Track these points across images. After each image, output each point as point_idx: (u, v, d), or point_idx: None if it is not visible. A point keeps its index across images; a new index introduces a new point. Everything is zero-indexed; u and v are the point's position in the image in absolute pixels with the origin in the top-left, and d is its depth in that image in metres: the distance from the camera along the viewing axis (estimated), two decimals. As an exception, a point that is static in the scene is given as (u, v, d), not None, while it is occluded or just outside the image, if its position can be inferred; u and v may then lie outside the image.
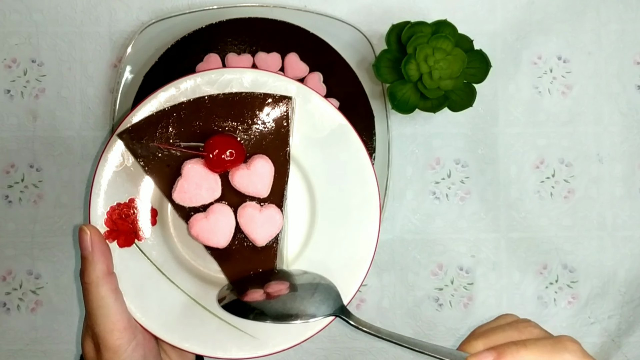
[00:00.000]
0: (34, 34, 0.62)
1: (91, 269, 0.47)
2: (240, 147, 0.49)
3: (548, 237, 0.63)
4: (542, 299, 0.63)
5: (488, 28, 0.63)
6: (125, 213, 0.51)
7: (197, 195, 0.49)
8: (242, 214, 0.49)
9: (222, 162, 0.48)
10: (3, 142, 0.62)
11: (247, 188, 0.49)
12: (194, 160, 0.49)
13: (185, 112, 0.50)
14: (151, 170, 0.50)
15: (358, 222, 0.51)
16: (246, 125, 0.50)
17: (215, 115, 0.50)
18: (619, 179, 0.63)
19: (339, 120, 0.51)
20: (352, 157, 0.51)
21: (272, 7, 0.61)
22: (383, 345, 0.62)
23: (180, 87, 0.50)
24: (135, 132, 0.49)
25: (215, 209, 0.49)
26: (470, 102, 0.58)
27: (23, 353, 0.62)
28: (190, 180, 0.48)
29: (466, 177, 0.63)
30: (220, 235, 0.49)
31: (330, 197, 0.52)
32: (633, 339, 0.63)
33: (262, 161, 0.49)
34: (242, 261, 0.50)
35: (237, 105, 0.50)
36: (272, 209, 0.50)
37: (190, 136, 0.49)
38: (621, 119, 0.64)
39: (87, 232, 0.48)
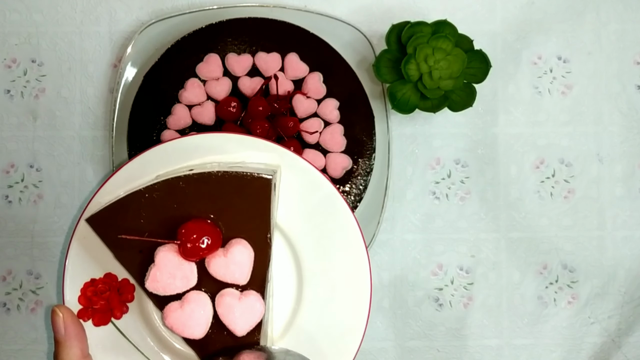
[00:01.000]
0: (34, 34, 0.62)
1: (65, 354, 0.45)
2: (216, 233, 0.46)
3: (548, 237, 0.63)
4: (542, 298, 0.63)
5: (488, 28, 0.64)
6: (101, 289, 0.48)
7: (170, 285, 0.46)
8: (220, 303, 0.46)
9: (197, 251, 0.45)
10: (3, 142, 0.62)
11: (224, 276, 0.46)
12: (168, 247, 0.46)
13: (157, 194, 0.47)
14: (122, 257, 0.47)
15: (348, 296, 0.49)
16: (224, 206, 0.47)
17: (190, 198, 0.47)
18: (619, 179, 0.63)
19: (328, 188, 0.49)
20: (341, 227, 0.49)
21: (272, 7, 0.61)
22: (383, 345, 0.62)
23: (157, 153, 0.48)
24: (104, 219, 0.47)
25: (191, 298, 0.46)
26: (470, 102, 0.58)
27: (23, 353, 0.62)
28: (163, 269, 0.45)
29: (466, 177, 0.63)
30: (196, 326, 0.46)
31: (318, 269, 0.50)
32: (633, 339, 0.63)
33: (241, 247, 0.46)
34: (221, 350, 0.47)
35: (214, 186, 0.47)
36: (252, 297, 0.46)
37: (163, 220, 0.46)
38: (621, 119, 0.64)
39: (59, 314, 0.45)
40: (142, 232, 0.47)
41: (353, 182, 0.60)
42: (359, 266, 0.49)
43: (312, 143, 0.59)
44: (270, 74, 0.59)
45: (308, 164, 0.49)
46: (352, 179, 0.60)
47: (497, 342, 0.63)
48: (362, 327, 0.49)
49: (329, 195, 0.49)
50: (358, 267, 0.49)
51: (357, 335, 0.49)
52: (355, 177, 0.60)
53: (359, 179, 0.60)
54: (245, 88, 0.59)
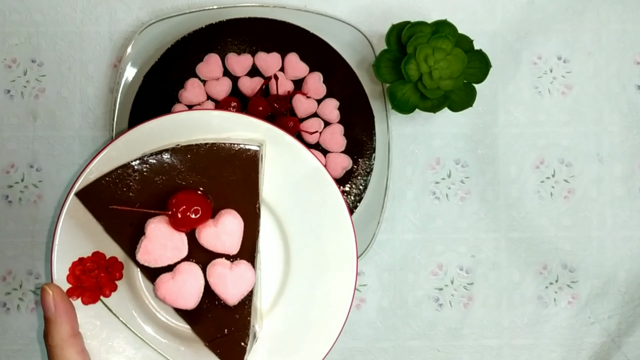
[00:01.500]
0: (34, 34, 0.62)
1: (55, 331, 0.45)
2: (206, 203, 0.46)
3: (548, 237, 0.63)
4: (542, 299, 0.63)
5: (488, 28, 0.64)
6: (89, 268, 0.48)
7: (162, 256, 0.46)
8: (212, 272, 0.46)
9: (187, 221, 0.45)
10: (3, 142, 0.62)
11: (215, 246, 0.46)
12: (158, 219, 0.46)
13: (146, 167, 0.47)
14: (113, 230, 0.47)
15: (334, 269, 0.50)
16: (212, 178, 0.47)
17: (178, 170, 0.47)
18: (619, 179, 0.63)
19: (313, 163, 0.50)
20: (327, 201, 0.50)
21: (272, 7, 0.61)
22: (383, 345, 0.62)
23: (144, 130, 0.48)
24: (94, 192, 0.47)
25: (183, 269, 0.46)
26: (470, 102, 0.58)
27: (23, 353, 0.62)
28: (155, 240, 0.45)
29: (466, 177, 0.63)
30: (189, 297, 0.46)
31: (304, 244, 0.50)
32: (633, 339, 0.63)
33: (231, 217, 0.46)
34: (214, 321, 0.47)
35: (202, 158, 0.47)
36: (243, 266, 0.47)
37: (153, 193, 0.47)
38: (621, 119, 0.64)
39: (49, 292, 0.45)
40: (132, 204, 0.47)
41: (353, 182, 0.60)
42: (344, 239, 0.50)
43: (312, 143, 0.59)
44: (270, 74, 0.59)
45: (293, 139, 0.49)
46: (352, 179, 0.60)
47: (497, 342, 0.63)
48: (348, 299, 0.50)
49: (313, 170, 0.50)
50: (344, 240, 0.50)
51: (343, 307, 0.50)
52: (355, 177, 0.60)
53: (359, 179, 0.60)
54: (245, 88, 0.59)
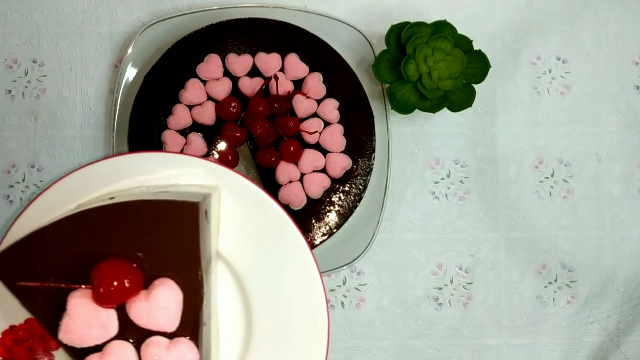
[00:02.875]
0: (35, 34, 0.63)
1: None
2: (135, 274, 0.40)
3: (547, 236, 0.63)
4: (541, 298, 0.63)
5: (487, 28, 0.64)
6: (22, 337, 0.43)
7: (87, 336, 0.39)
8: (146, 354, 0.40)
9: (113, 295, 0.39)
10: (4, 142, 0.62)
11: (148, 323, 0.40)
12: (80, 293, 0.40)
13: (67, 230, 0.40)
14: (30, 306, 0.41)
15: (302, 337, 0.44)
16: (147, 241, 0.40)
17: (108, 232, 0.40)
18: (618, 179, 0.64)
19: (275, 211, 0.44)
20: (292, 256, 0.44)
21: (272, 7, 0.61)
22: (383, 344, 0.62)
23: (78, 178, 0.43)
24: (6, 262, 0.41)
25: (112, 350, 0.40)
26: (470, 102, 0.58)
27: (24, 352, 0.62)
28: (77, 318, 0.39)
29: (465, 177, 0.63)
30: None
31: (268, 305, 0.44)
32: (632, 338, 0.63)
33: (164, 289, 0.40)
34: None
35: (135, 216, 0.40)
36: (183, 345, 0.40)
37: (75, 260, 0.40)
38: (620, 119, 0.64)
39: None
40: (48, 275, 0.40)
41: (353, 182, 0.60)
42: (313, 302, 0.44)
43: (312, 143, 0.59)
44: (270, 74, 0.59)
45: (251, 183, 0.44)
46: (351, 178, 0.60)
47: (496, 341, 0.63)
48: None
49: (277, 218, 0.44)
50: (312, 303, 0.44)
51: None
52: (355, 177, 0.60)
53: (359, 179, 0.60)
54: (246, 88, 0.59)
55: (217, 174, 0.43)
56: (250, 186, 0.44)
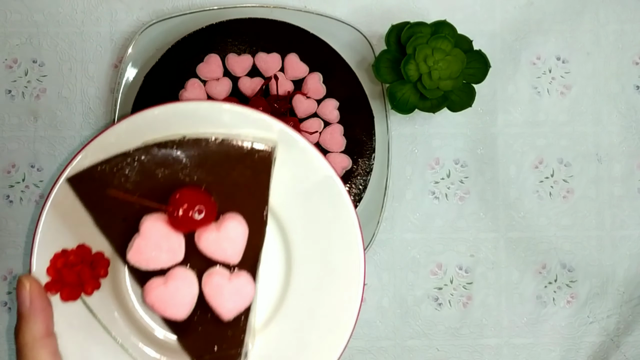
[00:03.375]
0: (34, 34, 0.63)
1: (27, 329, 0.41)
2: (211, 204, 0.42)
3: (547, 236, 0.63)
4: (541, 298, 0.63)
5: (487, 28, 0.64)
6: (72, 261, 0.44)
7: (155, 258, 0.41)
8: (208, 282, 0.42)
9: (188, 221, 0.41)
10: (4, 142, 0.62)
11: (215, 253, 0.42)
12: (155, 216, 0.41)
13: (149, 158, 0.42)
14: (103, 223, 0.43)
15: (339, 290, 0.45)
16: (219, 177, 0.42)
17: (183, 164, 0.42)
18: (618, 179, 0.64)
19: (326, 171, 0.45)
20: (337, 214, 0.45)
21: (272, 7, 0.61)
22: (383, 344, 0.62)
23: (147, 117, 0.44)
24: (87, 179, 0.42)
25: (176, 275, 0.42)
26: (470, 102, 0.58)
27: (24, 352, 0.62)
28: (149, 239, 0.41)
29: (465, 177, 0.63)
30: (180, 306, 0.41)
31: (308, 258, 0.46)
32: (632, 339, 0.63)
33: (235, 223, 0.42)
34: (204, 336, 0.42)
35: (210, 154, 0.43)
36: (243, 278, 0.42)
37: (153, 187, 0.42)
38: (620, 119, 0.64)
39: (25, 285, 0.42)
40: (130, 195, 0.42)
41: (353, 182, 0.60)
42: (352, 257, 0.45)
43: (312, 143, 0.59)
44: (270, 74, 0.59)
45: (307, 142, 0.46)
46: (351, 179, 0.60)
47: (496, 341, 0.63)
48: (350, 324, 0.45)
49: (326, 179, 0.45)
50: (351, 257, 0.45)
51: (344, 334, 0.45)
52: (355, 177, 0.60)
53: (359, 179, 0.60)
54: (246, 88, 0.59)
55: (278, 131, 0.45)
56: (307, 145, 0.45)
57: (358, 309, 0.46)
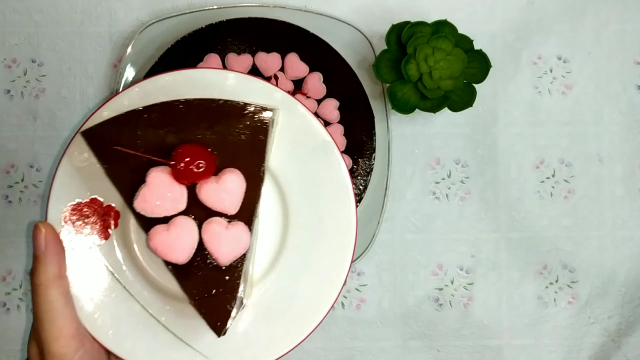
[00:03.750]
0: (34, 34, 0.62)
1: (42, 270, 0.45)
2: (211, 158, 0.46)
3: (548, 237, 0.63)
4: (542, 299, 0.63)
5: (488, 28, 0.64)
6: (85, 213, 0.48)
7: (159, 206, 0.45)
8: (207, 229, 0.45)
9: (190, 174, 0.45)
10: (3, 142, 0.62)
11: (214, 204, 0.45)
12: (160, 169, 0.45)
13: (156, 115, 0.46)
14: (114, 174, 0.46)
15: (331, 248, 0.49)
16: (220, 136, 0.47)
17: (188, 122, 0.46)
18: (619, 179, 0.63)
19: (324, 136, 0.49)
20: (333, 177, 0.49)
21: (272, 7, 0.61)
22: (383, 345, 0.62)
23: (158, 83, 0.48)
24: (101, 133, 0.46)
25: (178, 222, 0.45)
26: (470, 102, 0.58)
27: (23, 353, 0.62)
28: (154, 189, 0.45)
29: (466, 177, 0.63)
30: (181, 251, 0.45)
31: (305, 216, 0.50)
32: (633, 339, 0.63)
33: (233, 176, 0.46)
34: (203, 280, 0.46)
35: (213, 113, 0.47)
36: (240, 227, 0.46)
37: (159, 142, 0.46)
38: (621, 119, 0.64)
39: (42, 230, 0.45)
40: (137, 149, 0.46)
41: (353, 182, 0.60)
42: (345, 219, 0.49)
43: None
44: (270, 74, 0.59)
45: (307, 110, 0.49)
46: (352, 178, 0.60)
47: (497, 342, 0.63)
48: (341, 278, 0.49)
49: (324, 144, 0.49)
50: (344, 220, 0.49)
51: (335, 287, 0.49)
52: (355, 177, 0.60)
53: (359, 179, 0.60)
54: (245, 88, 0.59)
55: (280, 98, 0.49)
56: (305, 112, 0.49)
57: (349, 264, 0.49)
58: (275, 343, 0.49)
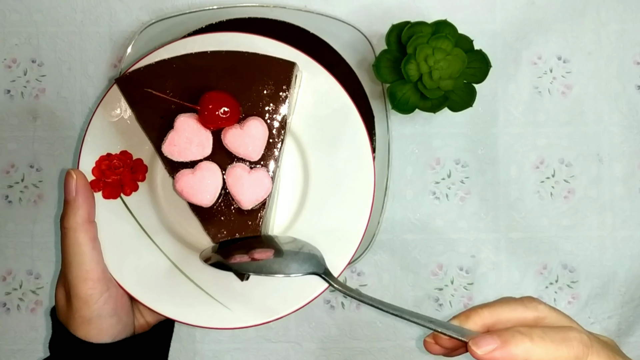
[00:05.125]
0: (34, 34, 0.62)
1: (72, 214, 0.46)
2: (235, 105, 0.47)
3: (548, 237, 0.63)
4: (542, 299, 0.62)
5: (488, 28, 0.64)
6: (115, 165, 0.50)
7: (186, 150, 0.47)
8: (231, 173, 0.47)
9: (215, 119, 0.46)
10: (3, 142, 0.62)
11: (238, 149, 0.47)
12: (188, 115, 0.47)
13: (185, 65, 0.49)
14: (144, 119, 0.48)
15: (350, 199, 0.51)
16: (245, 85, 0.49)
17: (215, 71, 0.49)
18: (619, 179, 0.63)
19: (344, 99, 0.51)
20: (352, 138, 0.51)
21: (272, 7, 0.61)
22: (383, 345, 0.62)
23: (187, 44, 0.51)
24: (133, 79, 0.48)
25: (203, 166, 0.47)
26: (470, 102, 0.58)
27: (23, 353, 0.62)
28: (182, 133, 0.47)
29: (466, 177, 0.63)
30: (206, 193, 0.47)
31: (325, 175, 0.51)
32: (633, 339, 0.63)
33: (257, 123, 0.48)
34: (226, 223, 0.48)
35: (239, 64, 0.49)
36: (262, 172, 0.48)
37: (187, 90, 0.48)
38: (621, 119, 0.64)
39: (73, 176, 0.47)
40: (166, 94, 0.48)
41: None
42: (364, 175, 0.51)
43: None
44: (270, 74, 0.59)
45: (329, 74, 0.51)
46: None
47: (497, 342, 0.62)
48: (361, 230, 0.51)
49: (344, 106, 0.51)
50: (363, 175, 0.51)
51: (355, 238, 0.51)
52: (355, 177, 0.60)
53: (359, 179, 0.60)
54: (245, 88, 0.59)
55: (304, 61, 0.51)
56: (326, 74, 0.52)
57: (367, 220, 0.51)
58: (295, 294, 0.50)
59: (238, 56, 0.49)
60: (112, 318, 0.48)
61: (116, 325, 0.48)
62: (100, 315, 0.47)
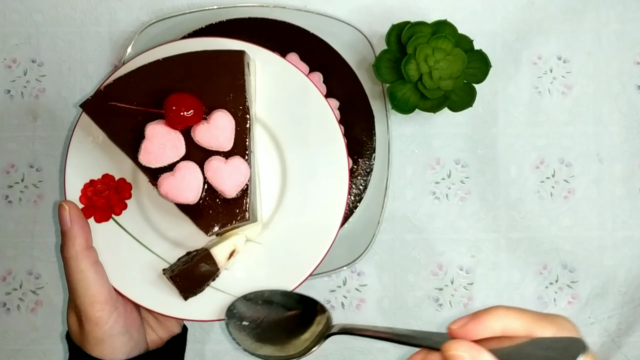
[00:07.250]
0: (34, 34, 0.62)
1: (70, 244, 0.48)
2: (197, 102, 0.49)
3: (548, 237, 0.63)
4: (542, 299, 0.63)
5: (488, 28, 0.64)
6: (100, 189, 0.52)
7: (161, 155, 0.48)
8: (208, 167, 0.49)
9: (181, 119, 0.48)
10: (3, 142, 0.62)
11: (209, 142, 0.49)
12: (156, 122, 0.49)
13: (141, 76, 0.50)
14: (116, 136, 0.50)
15: (327, 176, 0.52)
16: (203, 82, 0.50)
17: (172, 76, 0.50)
18: (619, 179, 0.63)
19: (299, 78, 0.53)
20: (316, 113, 0.53)
21: (272, 7, 0.61)
22: (383, 345, 0.62)
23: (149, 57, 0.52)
24: (95, 101, 0.50)
25: (182, 166, 0.49)
26: (470, 102, 0.58)
27: (23, 353, 0.62)
28: (154, 140, 0.48)
29: (466, 177, 0.63)
30: (189, 191, 0.48)
31: (298, 156, 0.53)
32: (633, 339, 0.63)
33: (221, 114, 0.49)
34: (215, 215, 0.50)
35: (193, 63, 0.51)
36: (237, 159, 0.49)
37: (150, 98, 0.50)
38: (621, 119, 0.64)
39: (66, 208, 0.49)
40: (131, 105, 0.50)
41: (353, 182, 0.60)
42: (334, 148, 0.52)
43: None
44: (270, 74, 0.59)
45: (279, 57, 0.53)
46: (352, 178, 0.60)
47: (497, 342, 0.62)
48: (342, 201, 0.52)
49: (302, 84, 0.53)
50: (334, 148, 0.52)
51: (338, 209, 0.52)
52: (355, 177, 0.60)
53: (359, 179, 0.60)
54: (245, 88, 0.59)
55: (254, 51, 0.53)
56: (277, 58, 0.53)
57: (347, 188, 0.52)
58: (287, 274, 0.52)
59: (191, 57, 0.51)
60: (123, 336, 0.49)
61: (128, 342, 0.50)
62: (112, 334, 0.49)
